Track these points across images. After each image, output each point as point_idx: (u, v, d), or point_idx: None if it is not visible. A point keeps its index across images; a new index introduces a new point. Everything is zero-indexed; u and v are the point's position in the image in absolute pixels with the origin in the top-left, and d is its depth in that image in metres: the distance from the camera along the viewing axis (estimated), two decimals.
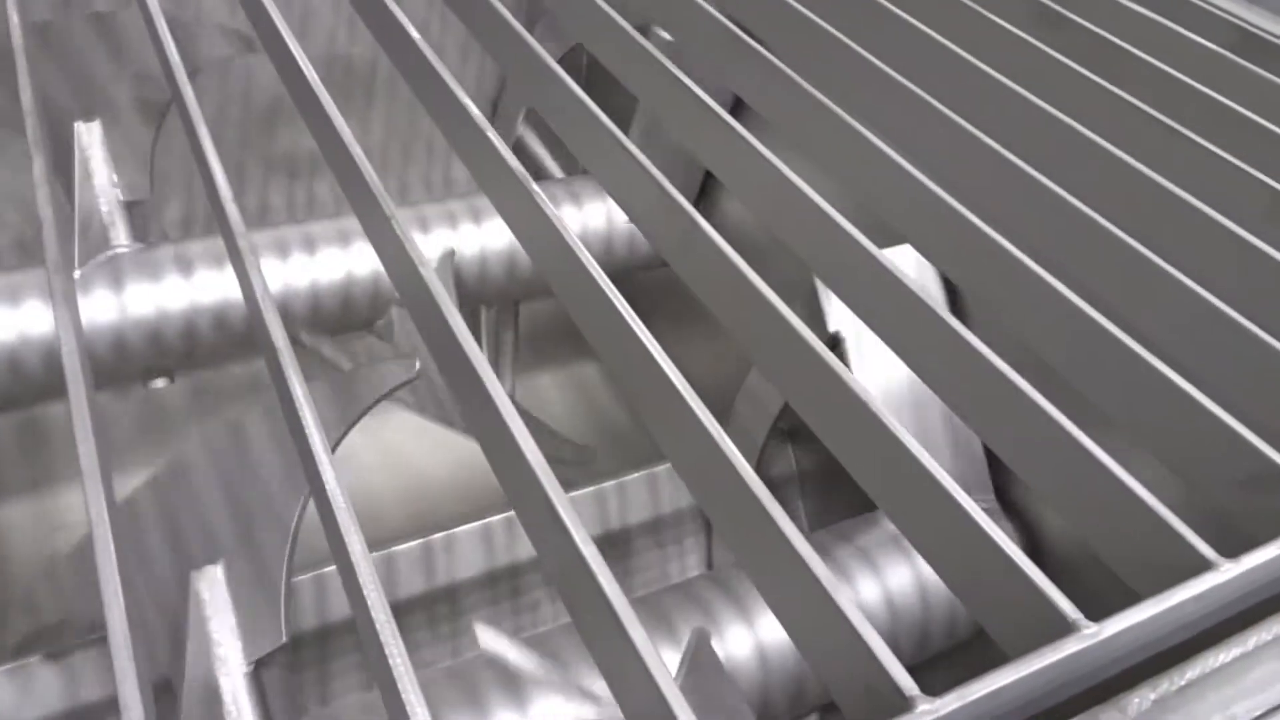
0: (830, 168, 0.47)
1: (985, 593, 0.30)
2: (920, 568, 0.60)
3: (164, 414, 0.82)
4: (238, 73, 0.81)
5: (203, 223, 0.88)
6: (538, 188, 0.40)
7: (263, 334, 0.30)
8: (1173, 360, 0.36)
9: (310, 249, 0.75)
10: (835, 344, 0.59)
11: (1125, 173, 0.46)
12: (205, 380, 0.83)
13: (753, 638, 0.56)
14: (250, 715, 0.41)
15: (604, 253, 0.85)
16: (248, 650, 0.44)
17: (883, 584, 0.60)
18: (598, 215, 0.84)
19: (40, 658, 0.60)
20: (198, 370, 0.83)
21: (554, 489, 0.28)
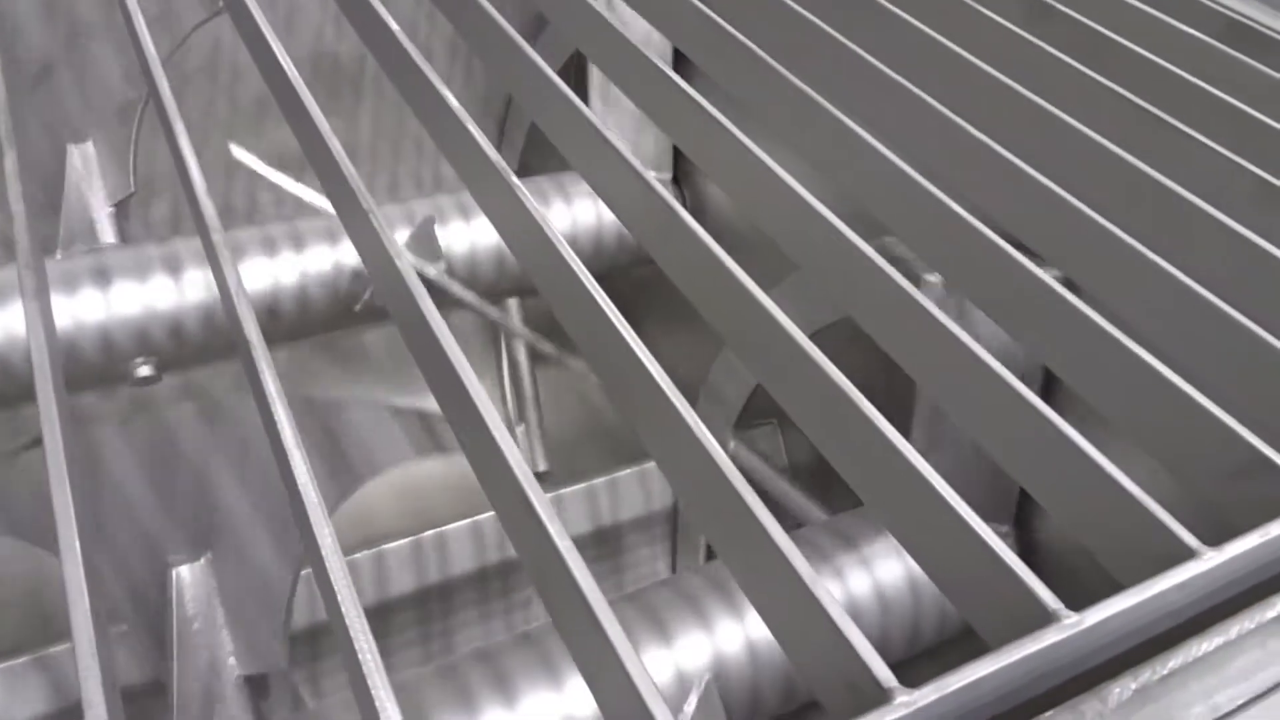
0: (813, 158, 0.47)
1: (967, 584, 0.30)
2: (912, 562, 0.60)
3: (153, 412, 0.82)
4: (225, 69, 0.81)
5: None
6: (519, 183, 0.40)
7: (236, 327, 0.30)
8: (1159, 350, 0.36)
9: (298, 246, 0.74)
10: None
11: (1112, 162, 0.45)
12: (194, 378, 0.82)
13: (743, 634, 0.56)
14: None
15: (594, 249, 0.84)
16: (243, 661, 0.44)
17: (874, 578, 0.60)
18: (587, 212, 0.83)
19: (28, 659, 0.60)
20: (188, 368, 0.83)
21: (530, 485, 0.28)
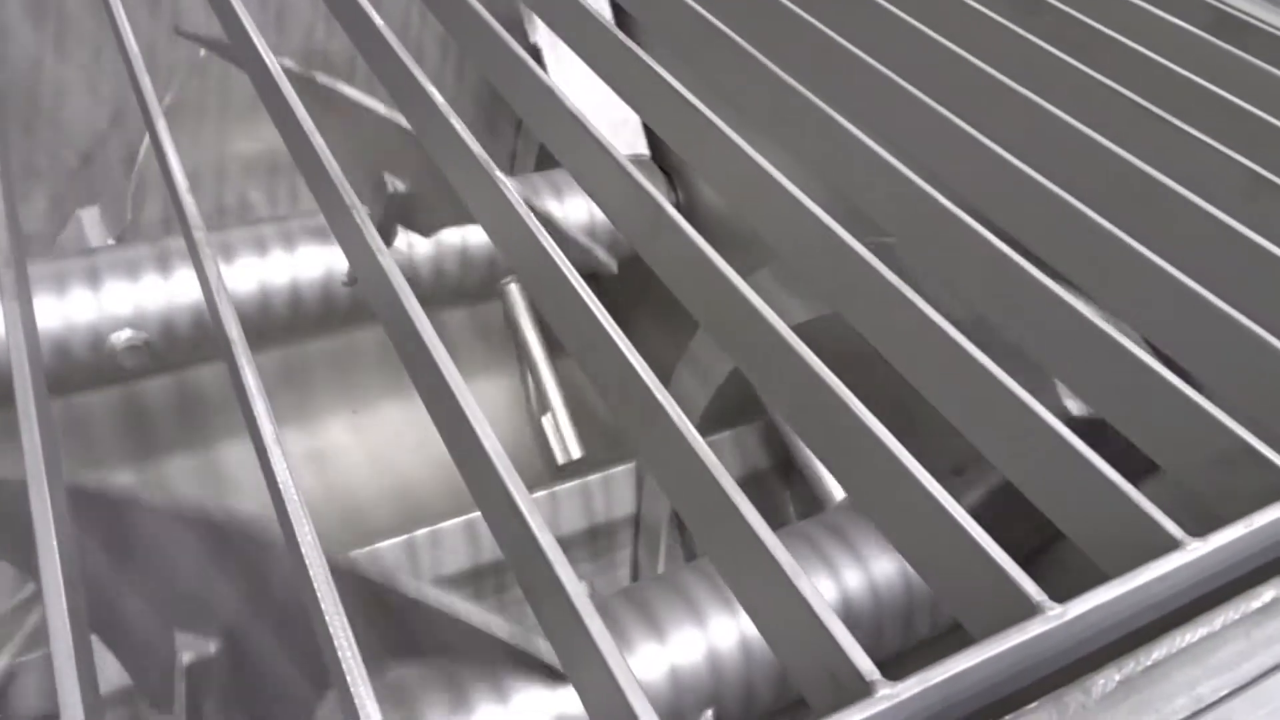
0: (801, 152, 0.47)
1: (951, 576, 0.29)
2: None
3: (145, 412, 0.82)
4: (216, 66, 0.81)
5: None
6: (503, 177, 0.40)
7: (218, 326, 0.30)
8: (1144, 340, 0.36)
9: (289, 245, 0.74)
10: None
11: (1101, 155, 0.45)
12: (185, 378, 0.82)
13: (737, 628, 0.56)
14: None
15: (586, 248, 0.84)
16: None
17: (867, 571, 0.60)
18: (579, 209, 0.83)
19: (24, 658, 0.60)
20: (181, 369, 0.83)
21: (511, 478, 0.28)
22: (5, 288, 0.30)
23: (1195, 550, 0.29)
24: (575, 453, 0.87)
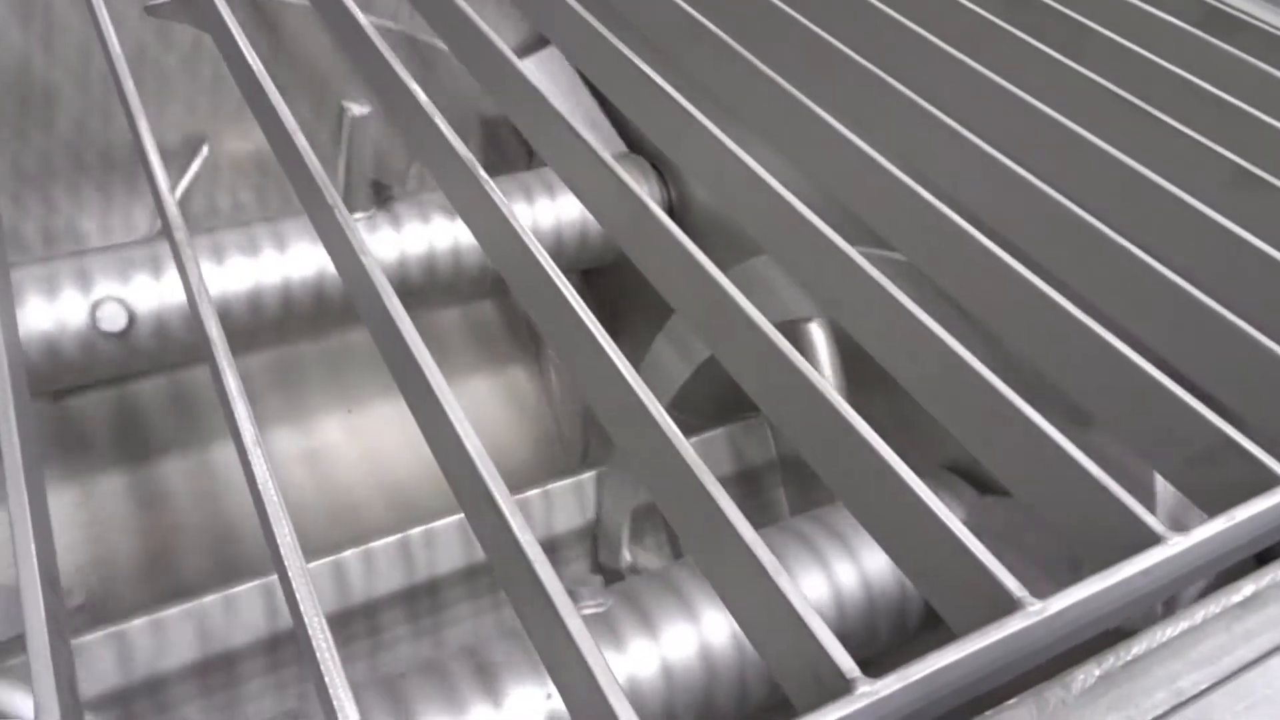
0: (787, 149, 0.47)
1: (933, 571, 0.29)
2: None
3: (138, 413, 0.82)
4: (207, 65, 0.81)
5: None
6: (487, 177, 0.40)
7: (198, 325, 0.30)
8: (1129, 336, 0.36)
9: (281, 246, 0.74)
10: None
11: (1089, 151, 0.45)
12: (179, 379, 0.82)
13: (729, 625, 0.56)
14: None
15: (579, 244, 0.84)
16: None
17: (860, 568, 0.60)
18: (571, 207, 0.83)
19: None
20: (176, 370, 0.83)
21: (492, 477, 0.28)
22: None
23: (1177, 545, 0.29)
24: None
